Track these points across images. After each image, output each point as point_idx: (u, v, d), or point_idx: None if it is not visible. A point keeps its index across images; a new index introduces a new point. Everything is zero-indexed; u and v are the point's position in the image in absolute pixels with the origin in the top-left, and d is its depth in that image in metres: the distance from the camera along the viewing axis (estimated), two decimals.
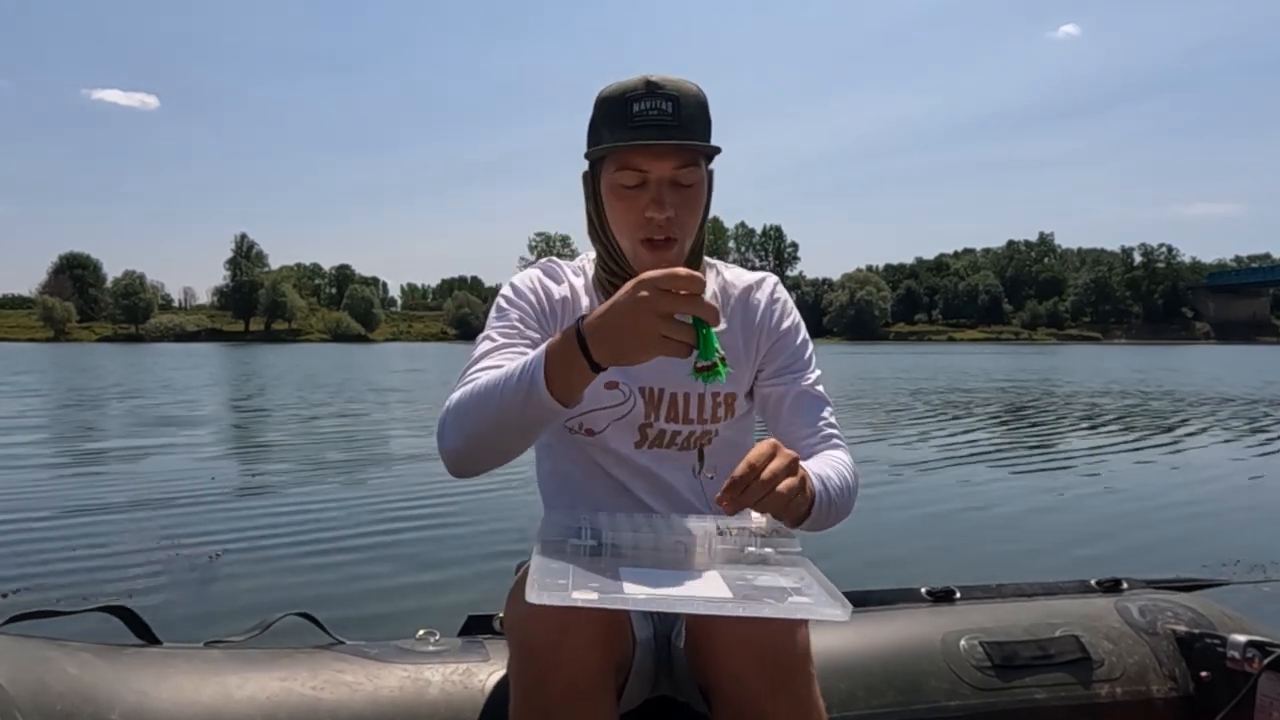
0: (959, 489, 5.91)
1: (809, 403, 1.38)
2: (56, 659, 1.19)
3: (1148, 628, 1.54)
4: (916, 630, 1.48)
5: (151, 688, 1.19)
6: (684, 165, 1.25)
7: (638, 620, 1.25)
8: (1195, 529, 4.66)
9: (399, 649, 1.36)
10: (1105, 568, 2.08)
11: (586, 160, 1.34)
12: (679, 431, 1.38)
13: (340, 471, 6.63)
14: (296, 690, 1.23)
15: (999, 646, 1.46)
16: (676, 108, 1.24)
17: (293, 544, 4.27)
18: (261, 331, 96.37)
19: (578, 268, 1.43)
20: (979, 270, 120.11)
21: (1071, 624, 1.52)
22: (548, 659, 1.07)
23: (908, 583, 1.67)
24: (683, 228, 1.28)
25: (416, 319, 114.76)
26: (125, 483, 6.10)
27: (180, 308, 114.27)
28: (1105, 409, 12.53)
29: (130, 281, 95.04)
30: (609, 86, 1.28)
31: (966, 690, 1.40)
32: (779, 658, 1.09)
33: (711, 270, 1.45)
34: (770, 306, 1.42)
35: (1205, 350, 59.60)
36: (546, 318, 1.35)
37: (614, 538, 1.09)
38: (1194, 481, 6.33)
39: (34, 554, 4.08)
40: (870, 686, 1.37)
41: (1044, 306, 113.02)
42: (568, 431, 1.39)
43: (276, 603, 3.21)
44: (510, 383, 1.09)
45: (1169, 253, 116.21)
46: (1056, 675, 1.44)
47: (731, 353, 1.38)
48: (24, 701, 1.10)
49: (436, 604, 3.31)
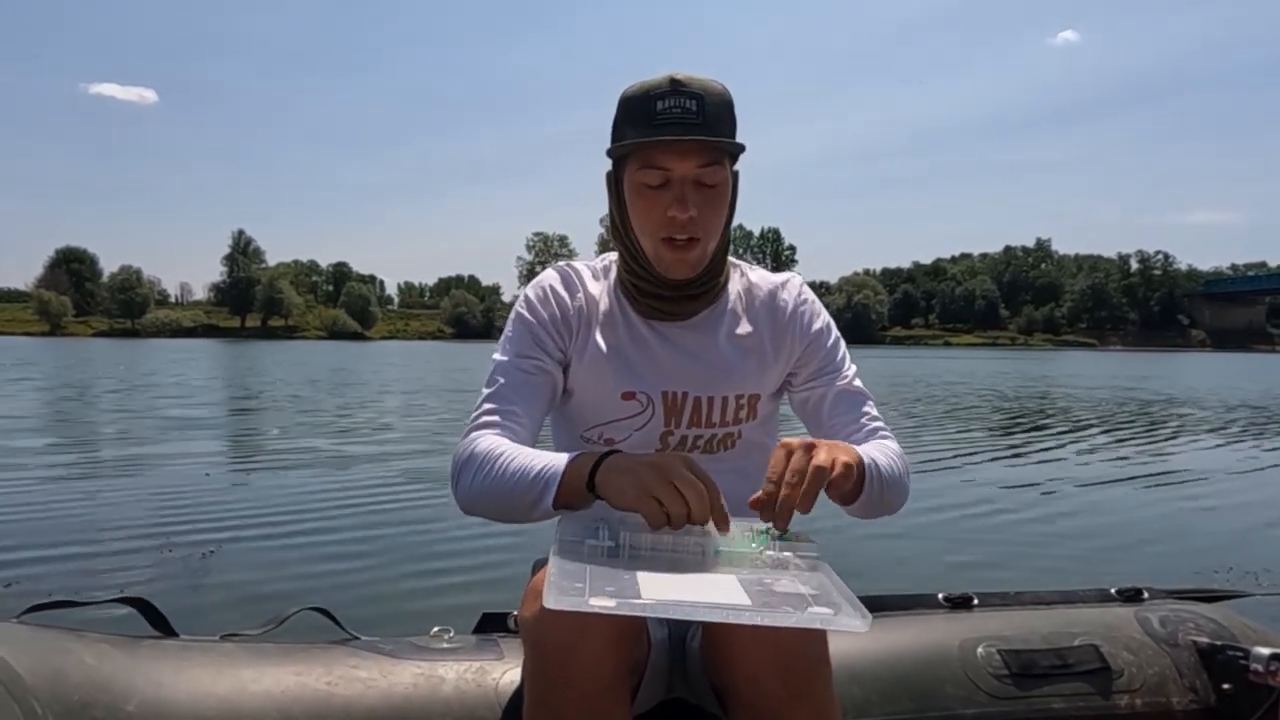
0: (976, 494, 5.87)
1: (849, 400, 1.39)
2: (74, 649, 1.20)
3: (1168, 638, 1.52)
4: (933, 637, 1.47)
5: (168, 679, 1.20)
6: (708, 164, 1.24)
7: (653, 621, 1.24)
8: (1217, 539, 4.61)
9: (413, 645, 1.36)
10: (1125, 577, 2.05)
11: (610, 158, 1.32)
12: (701, 435, 1.37)
13: (358, 468, 6.61)
14: (310, 685, 1.23)
15: (1017, 655, 1.44)
16: (701, 106, 1.22)
17: (310, 539, 4.28)
18: (258, 328, 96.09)
19: (599, 269, 1.42)
20: (976, 275, 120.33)
21: (1091, 633, 1.50)
22: (563, 659, 1.06)
23: (925, 589, 1.66)
24: (706, 228, 1.27)
25: (413, 317, 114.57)
26: (144, 476, 6.08)
27: (177, 303, 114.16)
28: (1121, 415, 12.46)
29: (127, 276, 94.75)
30: (633, 85, 1.27)
31: (983, 698, 1.38)
32: (797, 663, 1.08)
33: (736, 271, 1.43)
34: (799, 308, 1.41)
35: (1203, 358, 59.67)
36: (560, 334, 1.35)
37: (631, 539, 1.08)
38: (1216, 491, 6.26)
39: (52, 545, 4.09)
40: (886, 693, 1.36)
41: (1040, 312, 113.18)
42: (586, 442, 1.39)
43: (293, 597, 3.22)
44: (522, 484, 1.16)
45: (1165, 260, 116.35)
46: (1075, 685, 1.43)
47: (757, 354, 1.38)
48: (41, 691, 1.10)
49: (452, 601, 3.30)
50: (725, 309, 1.38)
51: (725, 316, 1.38)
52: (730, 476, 1.39)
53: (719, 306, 1.38)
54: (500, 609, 1.51)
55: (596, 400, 1.36)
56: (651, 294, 1.34)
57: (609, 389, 1.35)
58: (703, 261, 1.31)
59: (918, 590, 1.65)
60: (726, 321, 1.37)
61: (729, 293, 1.40)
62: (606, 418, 1.36)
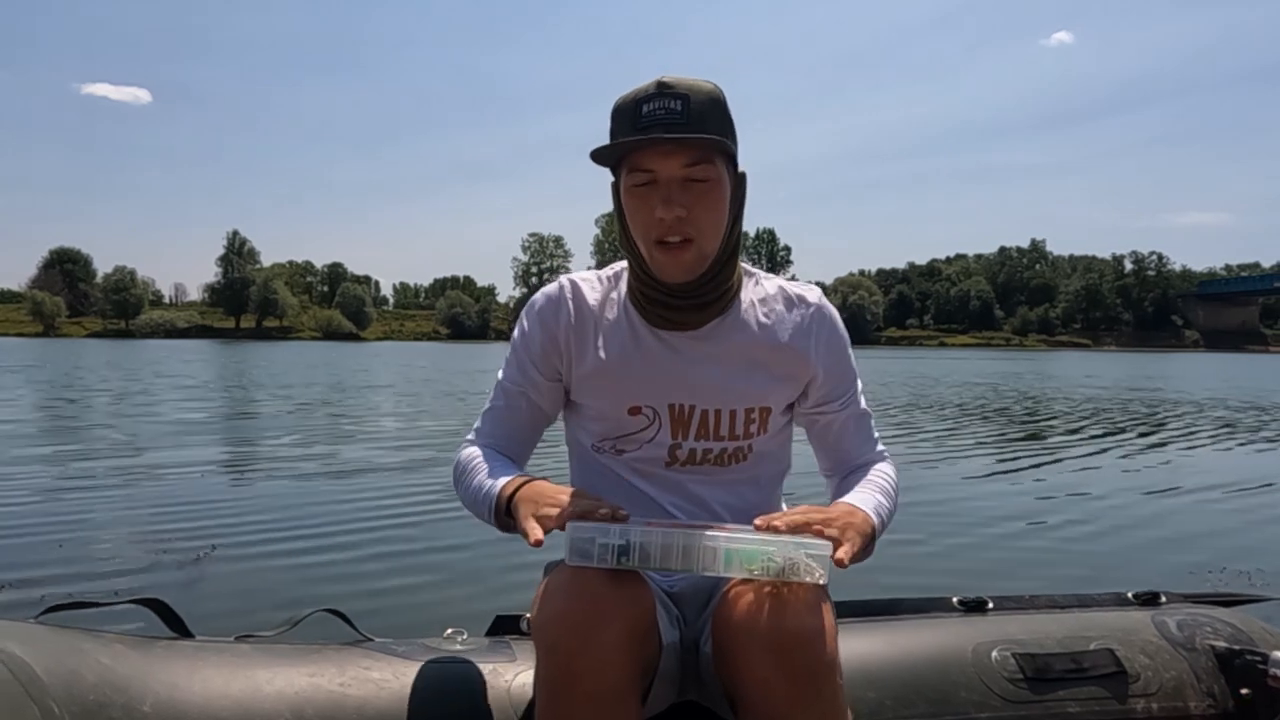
0: (991, 497, 5.81)
1: (858, 424, 1.42)
2: (91, 650, 1.21)
3: (1186, 642, 1.51)
4: (947, 640, 1.46)
5: (183, 680, 1.21)
6: (694, 163, 1.21)
7: (664, 624, 1.23)
8: (1235, 543, 4.55)
9: (426, 647, 1.36)
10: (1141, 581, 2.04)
11: (603, 167, 1.30)
12: (710, 449, 1.36)
13: (371, 472, 6.60)
14: (324, 686, 1.24)
15: (1031, 658, 1.43)
16: (686, 106, 1.20)
17: (324, 542, 4.27)
18: (252, 329, 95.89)
19: (607, 277, 1.40)
20: (971, 276, 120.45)
21: (1106, 637, 1.49)
22: (574, 662, 1.06)
23: (939, 592, 1.66)
24: (698, 227, 1.24)
25: (408, 318, 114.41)
26: (160, 479, 6.05)
27: (171, 304, 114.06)
28: (1131, 417, 12.36)
29: (121, 277, 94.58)
30: (624, 94, 1.26)
31: (997, 702, 1.37)
32: (807, 666, 1.07)
33: (751, 280, 1.40)
34: (819, 326, 1.38)
35: (1198, 358, 59.66)
36: (548, 357, 1.37)
37: (642, 538, 1.09)
38: (1232, 494, 6.17)
39: (69, 547, 4.10)
40: (899, 696, 1.36)
41: (1035, 313, 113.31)
42: (598, 453, 1.39)
43: (307, 599, 3.20)
44: (477, 500, 1.30)
45: (1160, 261, 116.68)
46: (1090, 689, 1.41)
47: (769, 367, 1.35)
48: (58, 691, 1.11)
49: (465, 604, 3.29)
50: (737, 319, 1.35)
51: (737, 327, 1.34)
52: (743, 486, 1.40)
53: (730, 316, 1.34)
54: (513, 611, 1.51)
55: (604, 414, 1.36)
56: (659, 302, 1.31)
57: (615, 404, 1.34)
58: (700, 264, 1.27)
59: (931, 594, 1.64)
60: (738, 332, 1.34)
61: (741, 302, 1.36)
62: (615, 432, 1.36)
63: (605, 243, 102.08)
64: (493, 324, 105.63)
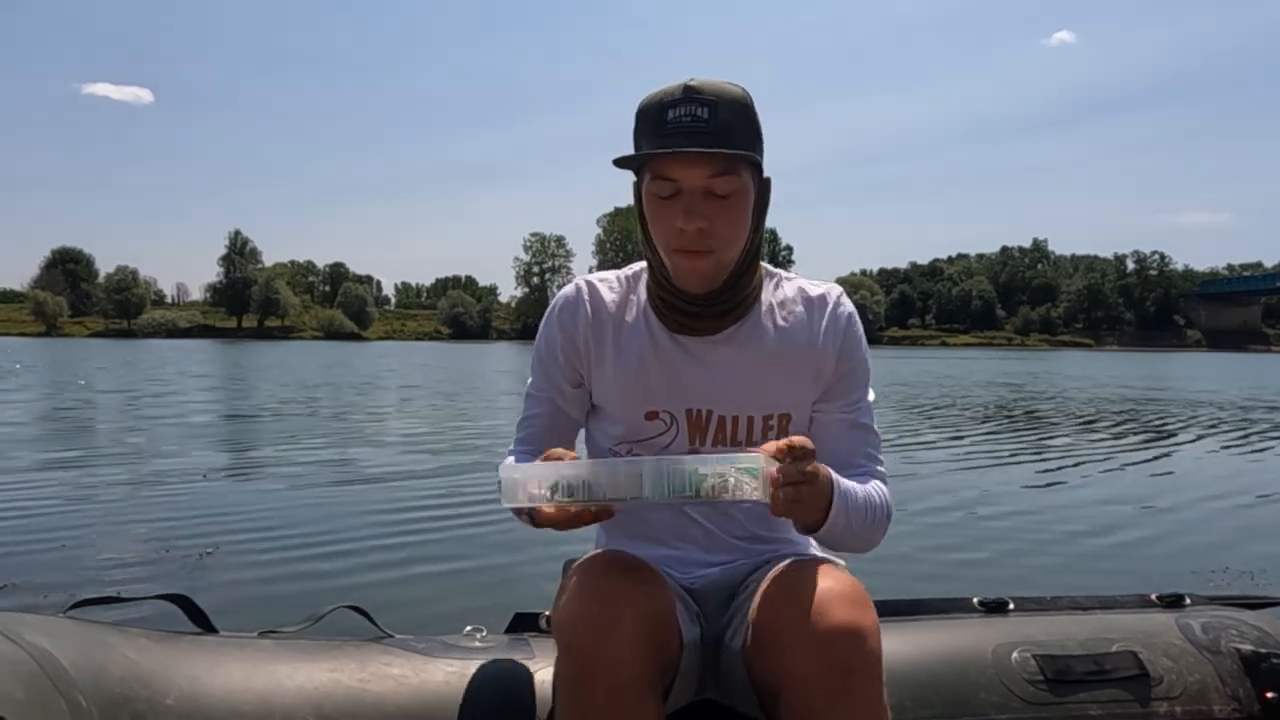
0: (1013, 497, 5.81)
1: (855, 433, 1.36)
2: (116, 644, 1.23)
3: (1210, 645, 1.48)
4: (967, 641, 1.45)
5: (205, 674, 1.23)
6: (719, 174, 1.20)
7: (684, 621, 1.23)
8: (1261, 545, 4.52)
9: (445, 644, 1.37)
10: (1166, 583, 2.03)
11: (625, 169, 1.29)
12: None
13: (394, 470, 6.64)
14: (344, 681, 1.25)
15: (1052, 660, 1.41)
16: (712, 113, 1.18)
17: (347, 539, 4.31)
18: (254, 328, 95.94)
19: (626, 278, 1.40)
20: (973, 275, 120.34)
21: (1129, 639, 1.47)
22: (594, 659, 1.06)
23: (959, 593, 1.64)
24: (720, 239, 1.23)
25: (410, 317, 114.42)
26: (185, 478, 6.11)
27: (173, 304, 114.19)
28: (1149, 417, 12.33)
29: (123, 277, 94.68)
30: (650, 94, 1.24)
31: (1017, 704, 1.36)
32: (848, 663, 1.06)
33: (771, 281, 1.39)
34: (840, 328, 1.36)
35: (1202, 358, 59.54)
36: (568, 360, 1.36)
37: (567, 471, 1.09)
38: (1258, 495, 6.13)
39: (96, 543, 4.14)
40: (918, 697, 1.35)
41: (1037, 312, 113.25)
42: (613, 454, 1.38)
43: (329, 595, 3.22)
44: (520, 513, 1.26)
45: (1161, 260, 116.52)
46: (1112, 691, 1.39)
47: (789, 372, 1.34)
48: (85, 683, 1.13)
49: (485, 601, 3.31)
50: (757, 323, 1.33)
51: (756, 332, 1.33)
52: None
53: (750, 320, 1.33)
54: (533, 609, 1.51)
55: (622, 418, 1.35)
56: (677, 308, 1.31)
57: (632, 408, 1.34)
58: (720, 273, 1.27)
59: (952, 594, 1.63)
60: (758, 337, 1.33)
61: (762, 304, 1.35)
62: (632, 436, 1.35)
63: (606, 242, 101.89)
64: (494, 324, 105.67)
